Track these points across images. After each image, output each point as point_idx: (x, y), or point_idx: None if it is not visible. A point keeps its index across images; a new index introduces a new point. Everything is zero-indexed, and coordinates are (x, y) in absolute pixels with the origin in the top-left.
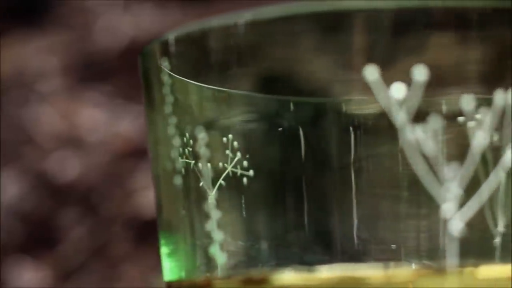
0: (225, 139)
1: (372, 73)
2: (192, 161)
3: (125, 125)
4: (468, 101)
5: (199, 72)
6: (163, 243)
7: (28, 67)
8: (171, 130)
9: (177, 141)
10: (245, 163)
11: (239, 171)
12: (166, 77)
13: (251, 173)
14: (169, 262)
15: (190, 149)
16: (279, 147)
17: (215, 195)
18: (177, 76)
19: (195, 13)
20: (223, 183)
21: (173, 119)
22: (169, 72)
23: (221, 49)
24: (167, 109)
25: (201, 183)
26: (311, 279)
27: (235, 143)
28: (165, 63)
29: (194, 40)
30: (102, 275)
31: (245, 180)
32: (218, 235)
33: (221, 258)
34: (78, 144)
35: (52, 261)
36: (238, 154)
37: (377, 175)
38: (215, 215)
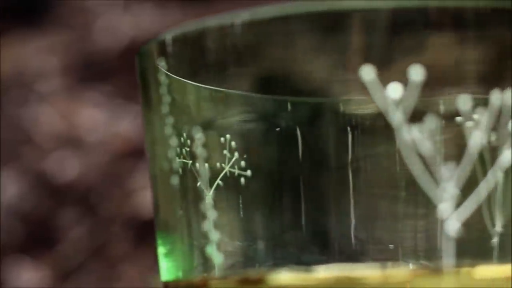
0: (222, 139)
1: (368, 73)
2: (189, 161)
3: (125, 125)
4: (464, 101)
5: (196, 72)
6: (160, 243)
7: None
8: (168, 130)
9: (174, 141)
10: (242, 163)
11: (237, 171)
12: (163, 77)
13: (248, 173)
14: (166, 262)
15: (187, 149)
16: (276, 147)
17: (212, 195)
18: (174, 76)
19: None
20: (220, 183)
21: (170, 119)
22: (166, 72)
23: (218, 49)
24: (164, 109)
25: (199, 183)
26: (308, 279)
27: (233, 143)
28: (162, 63)
29: (191, 40)
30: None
31: (242, 180)
32: (215, 235)
33: (218, 258)
34: (77, 144)
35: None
36: (235, 154)
37: (375, 175)
38: (212, 215)
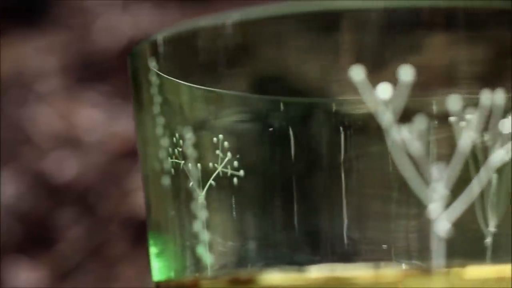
0: (215, 139)
1: (358, 74)
2: (182, 161)
3: (123, 125)
4: (454, 101)
5: (188, 72)
6: (152, 243)
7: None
8: (159, 130)
9: (165, 142)
10: (235, 163)
11: (229, 171)
12: (154, 77)
13: (241, 173)
14: (158, 262)
15: (180, 149)
16: (269, 147)
17: (205, 195)
18: (165, 76)
19: (193, 13)
20: (213, 183)
21: (161, 120)
22: (157, 72)
23: (210, 49)
24: (156, 109)
25: (191, 183)
26: (299, 279)
27: (226, 143)
28: (153, 63)
29: (183, 40)
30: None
31: (235, 180)
32: (207, 236)
33: (210, 258)
34: (76, 144)
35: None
36: (228, 154)
37: (367, 176)
38: (204, 215)
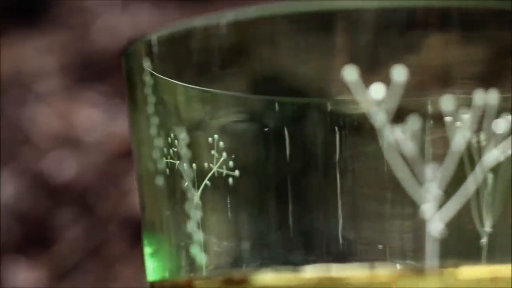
0: (210, 139)
1: (351, 74)
2: (177, 161)
3: (122, 125)
4: (447, 101)
5: (182, 72)
6: (146, 243)
7: (26, 67)
8: (153, 130)
9: (160, 142)
10: (230, 163)
11: (225, 171)
12: (148, 77)
13: (236, 173)
14: (152, 262)
15: (175, 150)
16: (264, 147)
17: (200, 195)
18: (160, 76)
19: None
20: (208, 183)
21: (156, 120)
22: (151, 72)
23: (204, 49)
24: (150, 109)
25: (186, 183)
26: (293, 279)
27: (221, 143)
28: (148, 63)
29: (177, 40)
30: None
31: (230, 180)
32: (202, 236)
33: (204, 258)
34: (75, 144)
35: (47, 261)
36: (223, 154)
37: (362, 176)
38: (200, 215)
